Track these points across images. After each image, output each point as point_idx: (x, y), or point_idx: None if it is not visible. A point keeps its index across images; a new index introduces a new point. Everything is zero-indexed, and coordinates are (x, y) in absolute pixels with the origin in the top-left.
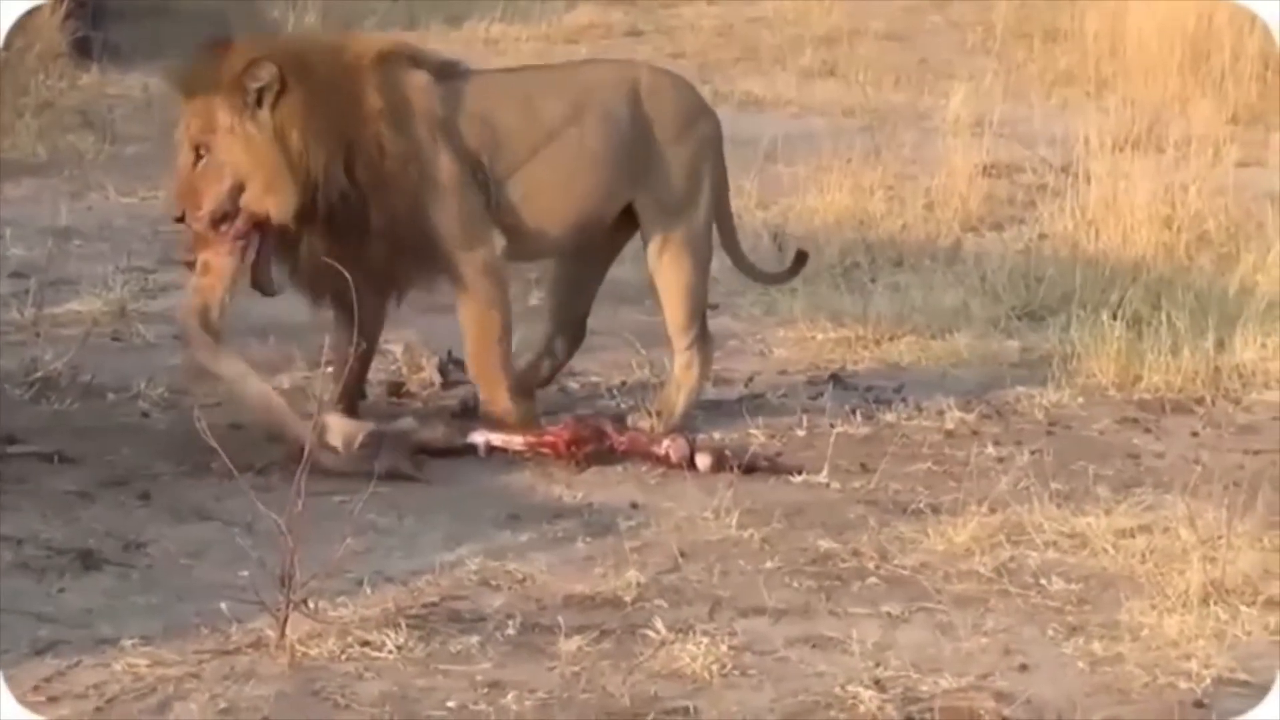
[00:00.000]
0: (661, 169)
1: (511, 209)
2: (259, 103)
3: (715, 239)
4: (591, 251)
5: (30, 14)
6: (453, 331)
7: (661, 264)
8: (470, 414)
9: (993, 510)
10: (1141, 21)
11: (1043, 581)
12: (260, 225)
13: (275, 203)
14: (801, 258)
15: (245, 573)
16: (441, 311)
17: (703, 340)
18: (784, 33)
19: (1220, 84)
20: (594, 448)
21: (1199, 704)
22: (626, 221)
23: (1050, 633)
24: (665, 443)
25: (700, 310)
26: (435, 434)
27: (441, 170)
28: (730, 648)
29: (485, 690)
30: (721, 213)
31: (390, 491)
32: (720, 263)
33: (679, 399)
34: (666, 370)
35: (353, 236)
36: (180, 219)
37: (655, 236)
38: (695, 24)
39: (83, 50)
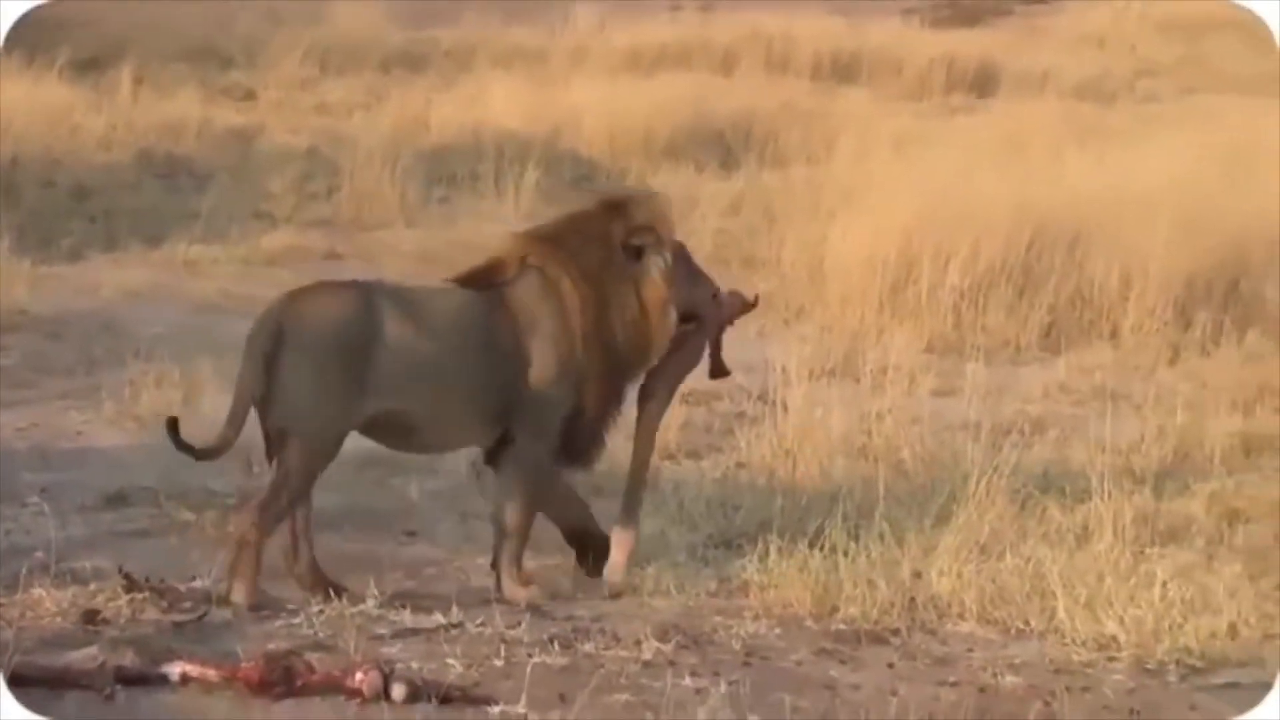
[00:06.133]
0: None
1: None
2: None
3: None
4: None
5: None
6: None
7: None
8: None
9: None
10: (841, 251)
11: None
12: None
13: None
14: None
15: None
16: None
17: None
18: (484, 257)
19: (917, 314)
20: (283, 690)
21: None
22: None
23: None
24: (359, 675)
25: None
26: (126, 660)
27: None
28: None
29: None
30: None
31: None
32: (421, 488)
33: None
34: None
35: None
36: None
37: None
38: (395, 248)
39: None
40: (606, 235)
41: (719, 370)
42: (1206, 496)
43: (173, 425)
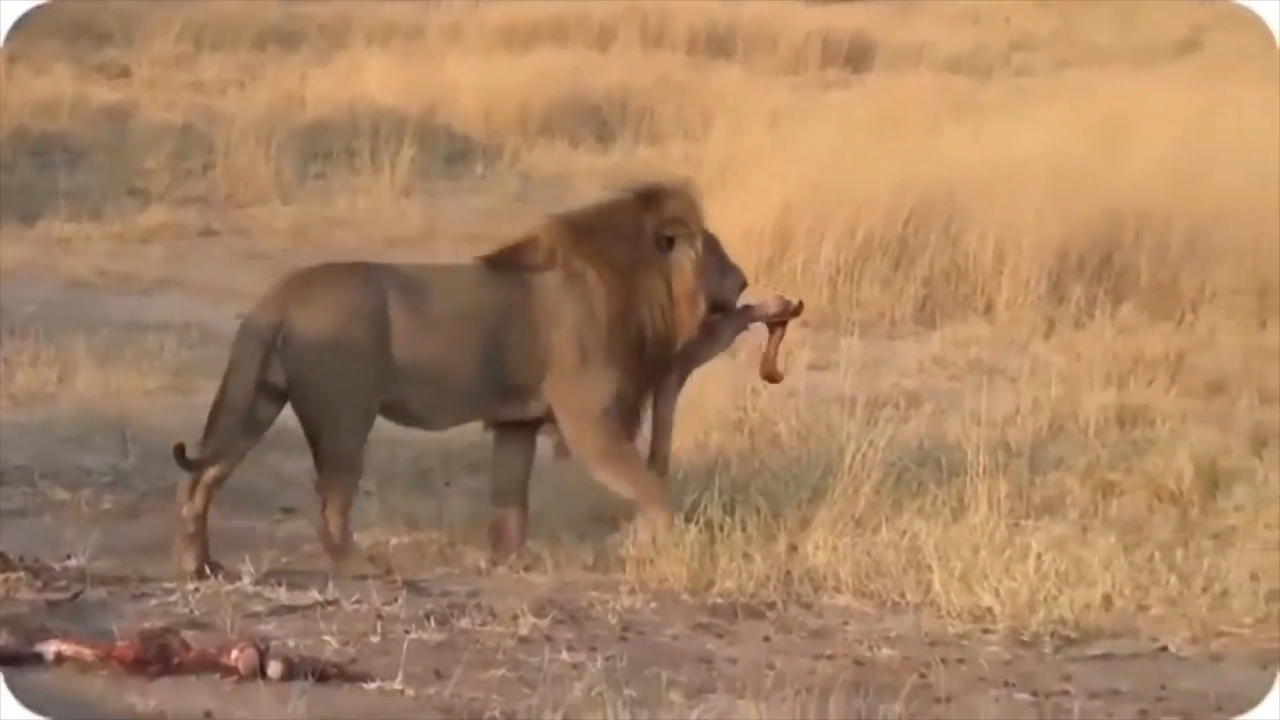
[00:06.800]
0: None
1: None
2: None
3: None
4: None
5: None
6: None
7: None
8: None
9: (566, 719)
10: (717, 226)
11: None
12: None
13: None
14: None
15: None
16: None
17: None
18: (360, 233)
19: (792, 288)
20: (159, 668)
21: None
22: None
23: None
24: (235, 652)
25: None
26: (0, 640)
27: None
28: None
29: None
30: None
31: None
32: (301, 466)
33: None
34: None
35: None
36: None
37: None
38: (270, 224)
39: None
40: (638, 226)
41: (772, 373)
42: (1081, 469)
43: (179, 451)
